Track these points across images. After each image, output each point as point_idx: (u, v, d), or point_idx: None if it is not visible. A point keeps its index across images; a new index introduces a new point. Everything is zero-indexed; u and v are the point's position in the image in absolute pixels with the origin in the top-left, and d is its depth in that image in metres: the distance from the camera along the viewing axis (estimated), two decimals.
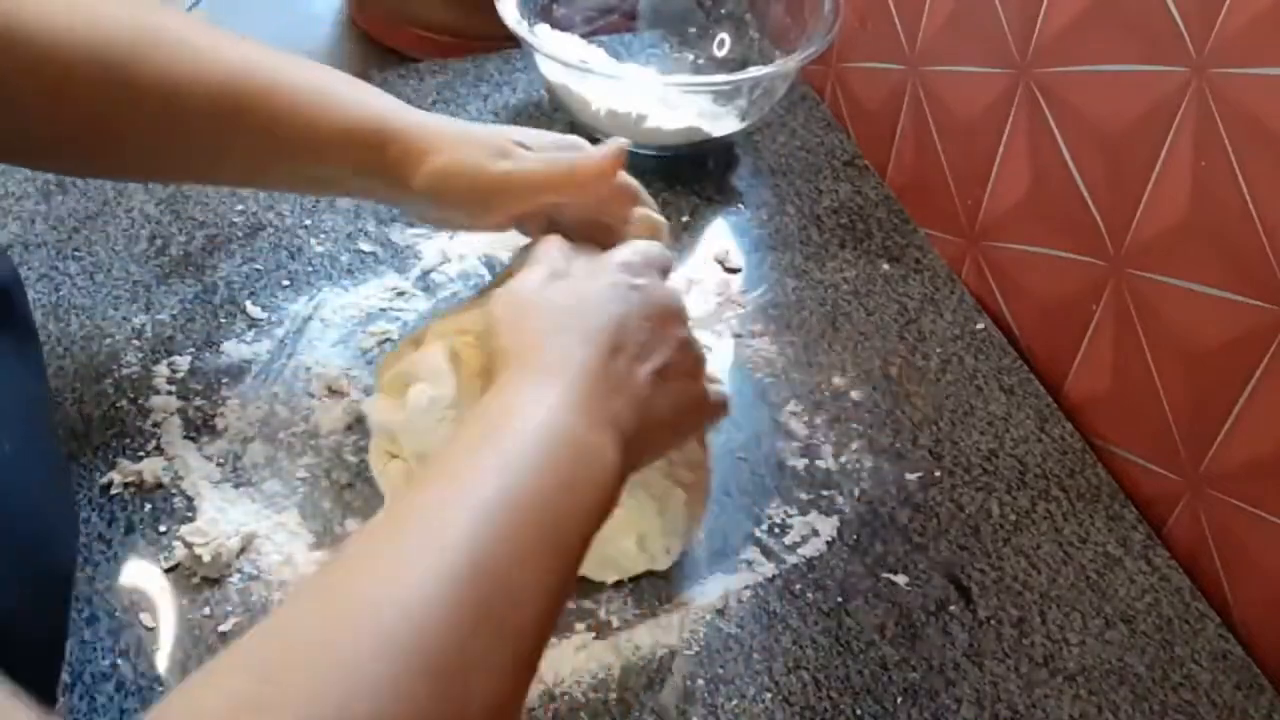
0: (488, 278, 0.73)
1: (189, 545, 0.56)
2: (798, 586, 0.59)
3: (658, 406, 0.46)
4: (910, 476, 0.64)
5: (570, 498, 0.40)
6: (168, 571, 0.56)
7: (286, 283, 0.71)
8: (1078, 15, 0.65)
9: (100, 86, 0.50)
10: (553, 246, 0.52)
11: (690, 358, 0.49)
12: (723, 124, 0.82)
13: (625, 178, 0.59)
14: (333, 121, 0.54)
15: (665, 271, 0.53)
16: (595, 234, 0.57)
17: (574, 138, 0.60)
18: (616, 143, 0.56)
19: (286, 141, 0.54)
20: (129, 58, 0.51)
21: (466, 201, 0.56)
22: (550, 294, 0.48)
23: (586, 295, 0.47)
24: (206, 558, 0.55)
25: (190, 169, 0.59)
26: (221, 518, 0.57)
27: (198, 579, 0.55)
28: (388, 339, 0.68)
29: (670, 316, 0.49)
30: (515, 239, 0.75)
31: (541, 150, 0.57)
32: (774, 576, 0.59)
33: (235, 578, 0.56)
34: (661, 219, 0.59)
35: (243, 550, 0.56)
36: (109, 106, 0.51)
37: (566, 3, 0.89)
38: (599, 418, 0.42)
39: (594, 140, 0.83)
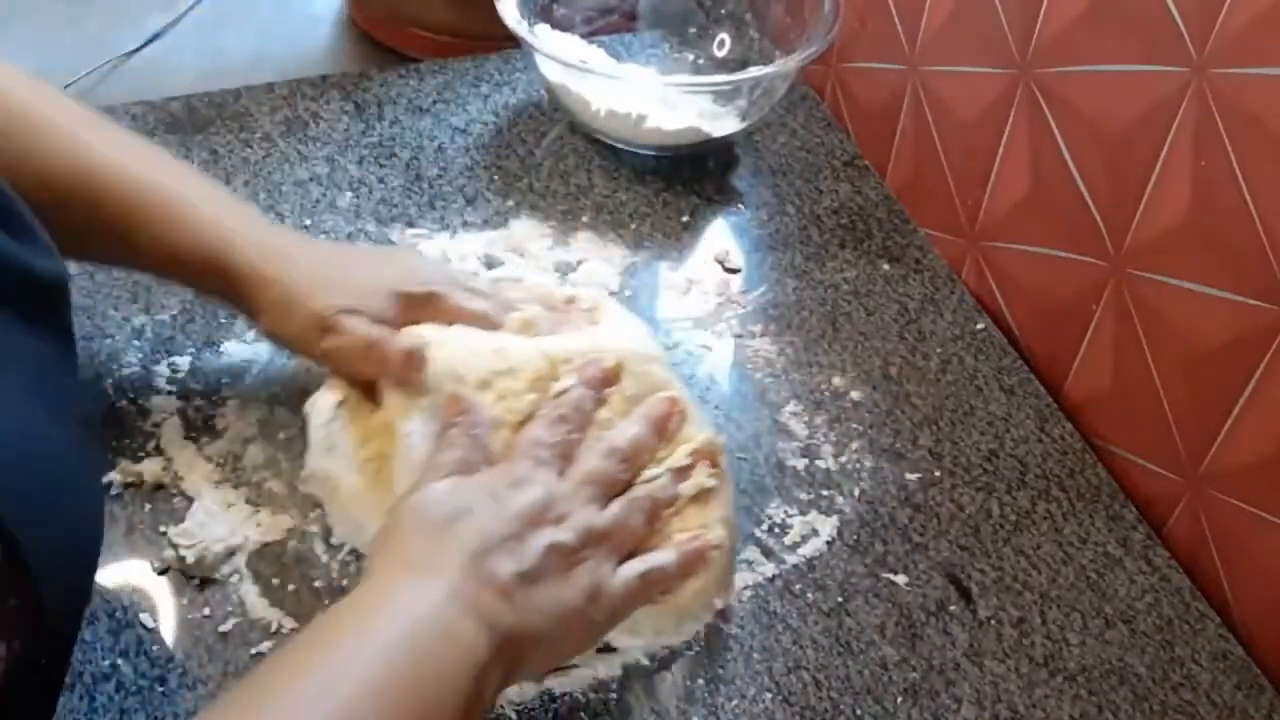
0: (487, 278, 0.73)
1: (174, 546, 0.56)
2: (798, 586, 0.59)
3: (530, 610, 0.46)
4: (910, 476, 0.64)
5: (438, 685, 0.42)
6: (160, 573, 0.55)
7: None
8: (1078, 15, 0.65)
9: None
10: (460, 433, 0.53)
11: (559, 561, 0.48)
12: (723, 124, 0.82)
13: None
14: (170, 246, 0.55)
15: (590, 409, 0.55)
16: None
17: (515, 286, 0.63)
18: (409, 344, 0.55)
19: (127, 247, 0.55)
20: None
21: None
22: (441, 500, 0.49)
23: (462, 504, 0.48)
24: (191, 559, 0.55)
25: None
26: (211, 521, 0.57)
27: (197, 580, 0.55)
28: None
29: (535, 520, 0.49)
30: (515, 240, 0.76)
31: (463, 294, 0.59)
32: (774, 576, 0.59)
33: (235, 578, 0.56)
34: (530, 312, 0.60)
35: (231, 554, 0.56)
36: None
37: (566, 3, 0.89)
38: (469, 608, 0.44)
39: (594, 140, 0.84)
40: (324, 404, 0.57)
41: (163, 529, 0.57)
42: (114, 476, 0.59)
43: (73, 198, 0.53)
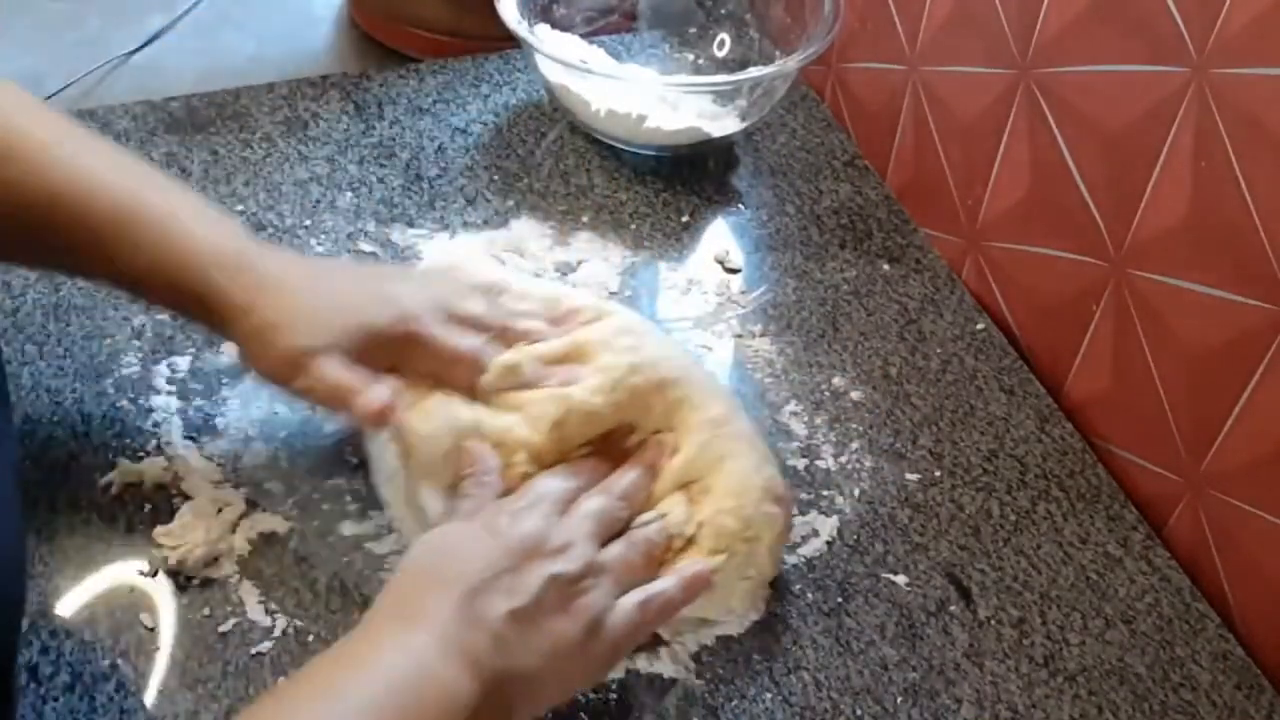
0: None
1: (159, 545, 0.56)
2: (797, 587, 0.59)
3: (523, 649, 0.46)
4: (910, 476, 0.64)
5: (420, 713, 0.42)
6: (149, 576, 0.55)
7: None
8: (1078, 15, 0.65)
9: None
10: (484, 488, 0.53)
11: (558, 594, 0.47)
12: (723, 124, 0.82)
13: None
14: (148, 265, 0.53)
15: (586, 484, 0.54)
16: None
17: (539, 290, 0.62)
18: (380, 400, 0.53)
19: (102, 268, 0.54)
20: None
21: None
22: (438, 548, 0.49)
23: (458, 543, 0.49)
24: (173, 561, 0.55)
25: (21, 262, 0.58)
26: (197, 522, 0.57)
27: (198, 580, 0.55)
28: None
29: (532, 553, 0.48)
30: (515, 240, 0.76)
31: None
32: (774, 576, 0.59)
33: (235, 578, 0.56)
34: (513, 357, 0.57)
35: (216, 559, 0.56)
36: None
37: (566, 3, 0.89)
38: (455, 655, 0.44)
39: (594, 140, 0.84)
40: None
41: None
42: (113, 477, 0.59)
43: (41, 222, 0.52)
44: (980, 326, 0.74)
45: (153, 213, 0.53)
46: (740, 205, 0.81)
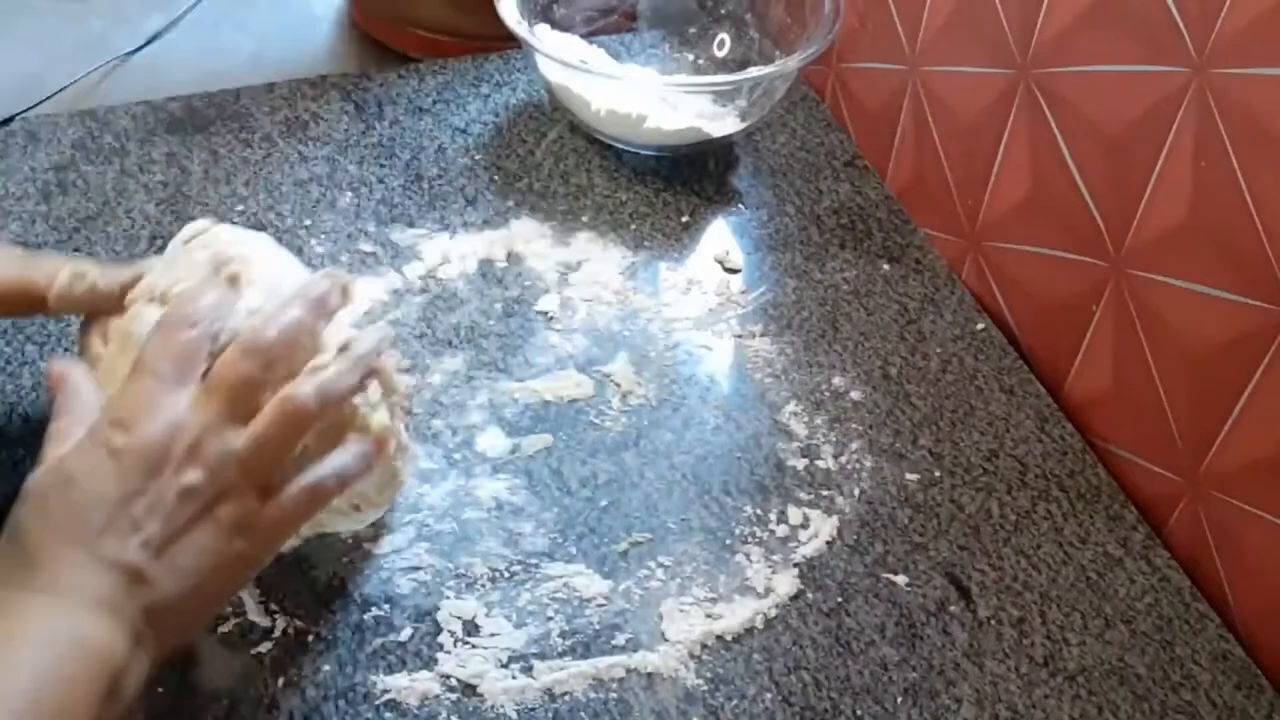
0: (484, 278, 0.73)
1: None
2: (798, 586, 0.59)
3: (169, 576, 0.42)
4: (910, 476, 0.64)
5: (70, 690, 0.39)
6: None
7: None
8: (1078, 15, 0.65)
9: None
10: (79, 402, 0.46)
11: (193, 507, 0.43)
12: (723, 124, 0.82)
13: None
14: None
15: (227, 306, 0.47)
16: None
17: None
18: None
19: None
20: None
21: None
22: (51, 489, 0.43)
23: (73, 477, 0.43)
24: None
25: None
26: None
27: None
28: None
29: (157, 467, 0.43)
30: (515, 240, 0.76)
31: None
32: (774, 576, 0.59)
33: None
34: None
35: None
36: None
37: (566, 3, 0.89)
38: (93, 611, 0.40)
39: (594, 140, 0.84)
40: None
41: None
42: None
43: None
44: (980, 326, 0.74)
45: None
46: (740, 205, 0.81)
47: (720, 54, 0.90)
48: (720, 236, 0.79)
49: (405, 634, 0.54)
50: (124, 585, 0.41)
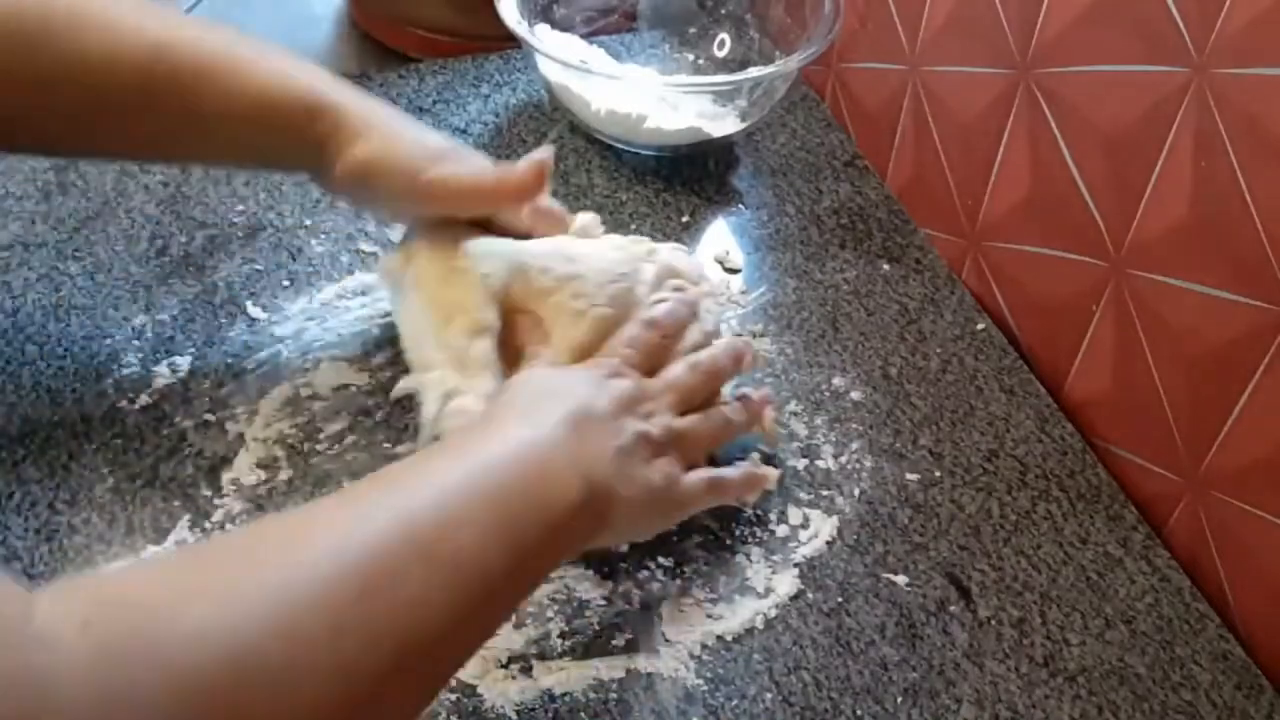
0: None
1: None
2: (798, 586, 0.58)
3: (622, 476, 0.50)
4: (910, 476, 0.64)
5: (528, 506, 0.44)
6: None
7: (287, 283, 0.71)
8: (1078, 15, 0.65)
9: (8, 67, 0.51)
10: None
11: (645, 449, 0.52)
12: (723, 124, 0.82)
13: (549, 206, 0.63)
14: (259, 88, 0.55)
15: (682, 320, 0.60)
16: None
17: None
18: (539, 155, 0.59)
19: (211, 104, 0.55)
20: (37, 37, 0.51)
21: (389, 198, 0.59)
22: (546, 377, 0.54)
23: (563, 376, 0.54)
24: None
25: (114, 142, 0.59)
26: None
27: None
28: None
29: (627, 407, 0.52)
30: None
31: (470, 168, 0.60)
32: (774, 576, 0.59)
33: None
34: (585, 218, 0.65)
35: None
36: (19, 87, 0.51)
37: (566, 3, 0.89)
38: (569, 459, 0.47)
39: (594, 140, 0.84)
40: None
41: (165, 528, 0.57)
42: (113, 477, 0.59)
43: (149, 74, 0.53)
44: (980, 326, 0.74)
45: (254, 48, 0.56)
46: (740, 205, 0.81)
47: (720, 54, 0.90)
48: (720, 236, 0.79)
49: None
50: (596, 462, 0.48)
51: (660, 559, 0.59)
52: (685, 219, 0.80)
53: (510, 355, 0.58)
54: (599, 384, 0.53)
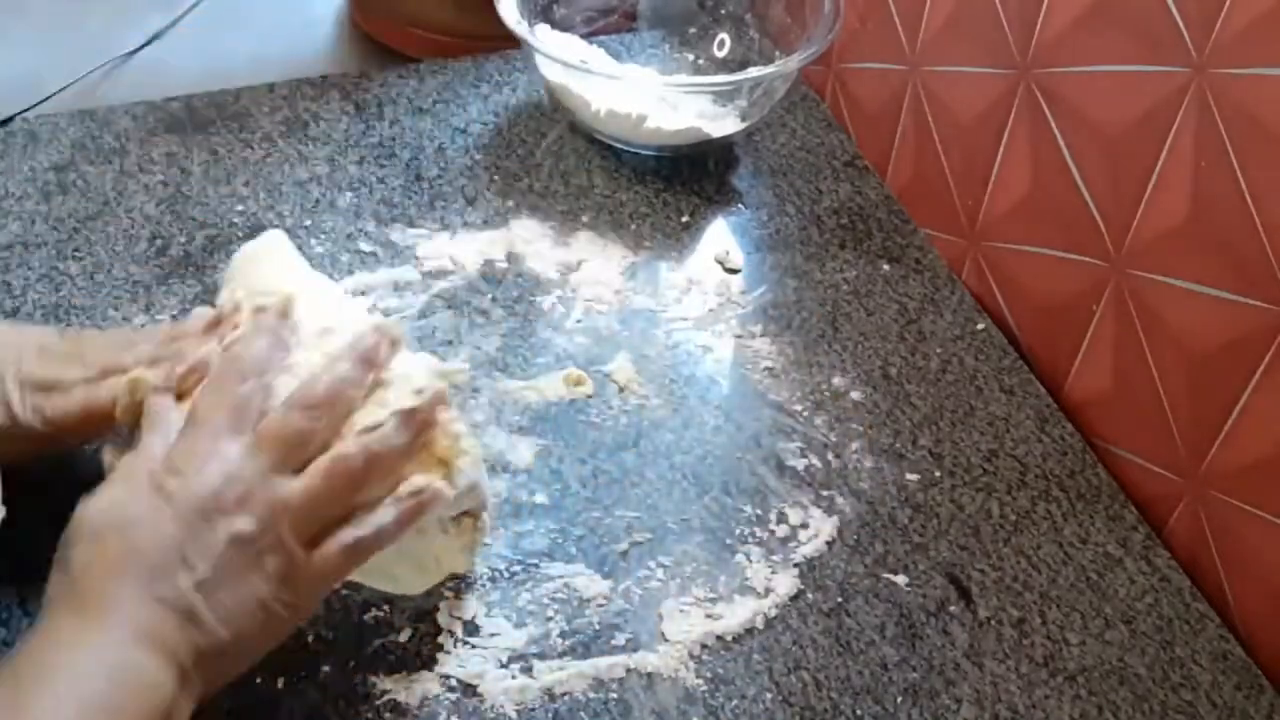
0: (484, 278, 0.73)
1: None
2: (798, 586, 0.58)
3: (219, 620, 0.43)
4: (910, 476, 0.64)
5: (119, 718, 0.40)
6: None
7: None
8: (1078, 15, 0.65)
9: None
10: (158, 432, 0.47)
11: (242, 554, 0.44)
12: (723, 124, 0.82)
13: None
14: None
15: (271, 355, 0.49)
16: None
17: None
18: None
19: None
20: None
21: None
22: (91, 524, 0.44)
23: (126, 514, 0.44)
24: None
25: None
26: None
27: None
28: None
29: (209, 513, 0.44)
30: (513, 244, 0.76)
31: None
32: (774, 576, 0.59)
33: None
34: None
35: None
36: None
37: (566, 3, 0.89)
38: (144, 645, 0.41)
39: (594, 140, 0.84)
40: None
41: None
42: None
43: None
44: (980, 326, 0.74)
45: None
46: (740, 205, 0.81)
47: (720, 54, 0.90)
48: (720, 236, 0.79)
49: (405, 635, 0.54)
50: (175, 624, 0.42)
51: (660, 559, 0.59)
52: (685, 219, 0.80)
53: None
54: (166, 502, 0.44)
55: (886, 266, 0.77)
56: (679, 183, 0.82)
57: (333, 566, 0.47)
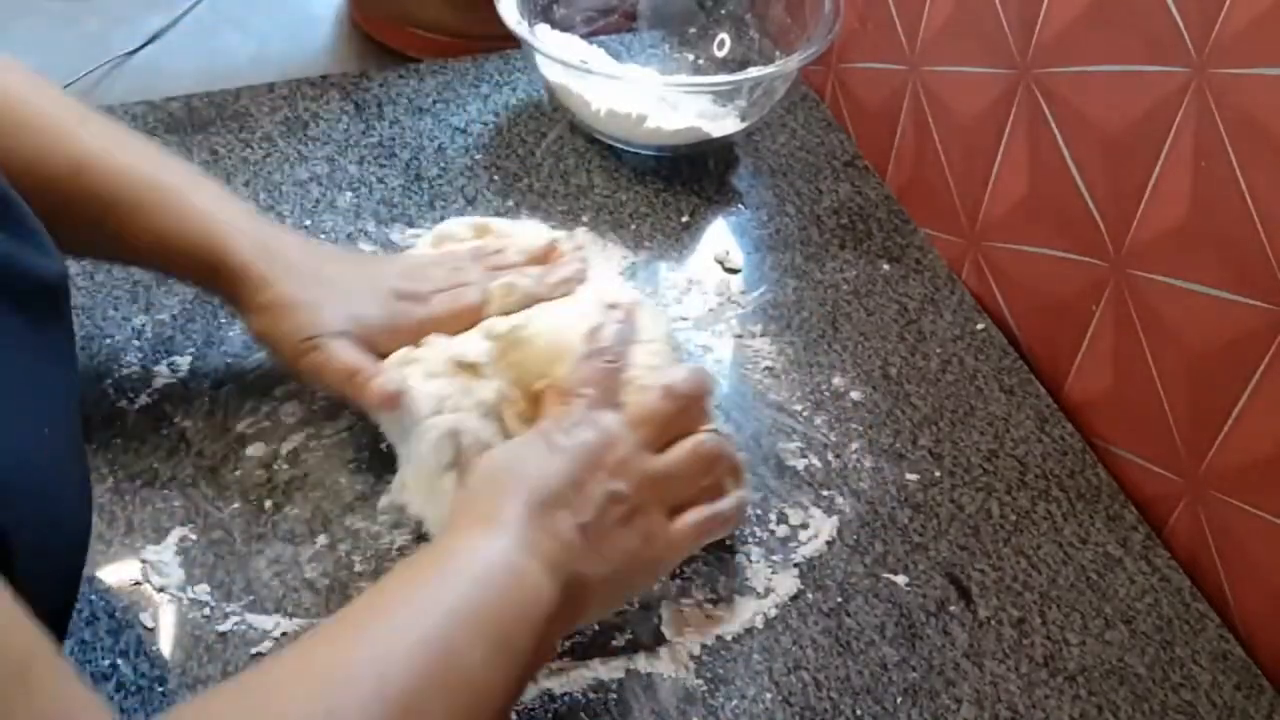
0: None
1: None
2: (798, 586, 0.58)
3: (593, 557, 0.48)
4: (910, 476, 0.64)
5: (517, 619, 0.44)
6: (135, 584, 0.55)
7: None
8: (1078, 15, 0.65)
9: None
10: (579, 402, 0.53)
11: (617, 509, 0.50)
12: (723, 124, 0.82)
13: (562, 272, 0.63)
14: (159, 234, 0.55)
15: (627, 341, 0.56)
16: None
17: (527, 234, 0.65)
18: (390, 388, 0.55)
19: (118, 237, 0.55)
20: None
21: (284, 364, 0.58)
22: (498, 463, 0.51)
23: (522, 456, 0.51)
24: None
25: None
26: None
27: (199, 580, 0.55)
28: None
29: (592, 468, 0.50)
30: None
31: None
32: (774, 576, 0.59)
33: (235, 579, 0.56)
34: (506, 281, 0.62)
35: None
36: None
37: (566, 3, 0.89)
38: (535, 555, 0.46)
39: (594, 140, 0.84)
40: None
41: (166, 528, 0.57)
42: (113, 477, 0.59)
43: (66, 190, 0.53)
44: (980, 326, 0.74)
45: (175, 183, 0.56)
46: (740, 205, 0.81)
47: (720, 54, 0.90)
48: (720, 236, 0.79)
49: None
50: (560, 551, 0.47)
51: None
52: (685, 219, 0.80)
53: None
54: (552, 452, 0.50)
55: (886, 266, 0.77)
56: (679, 183, 0.82)
57: (686, 538, 0.53)
